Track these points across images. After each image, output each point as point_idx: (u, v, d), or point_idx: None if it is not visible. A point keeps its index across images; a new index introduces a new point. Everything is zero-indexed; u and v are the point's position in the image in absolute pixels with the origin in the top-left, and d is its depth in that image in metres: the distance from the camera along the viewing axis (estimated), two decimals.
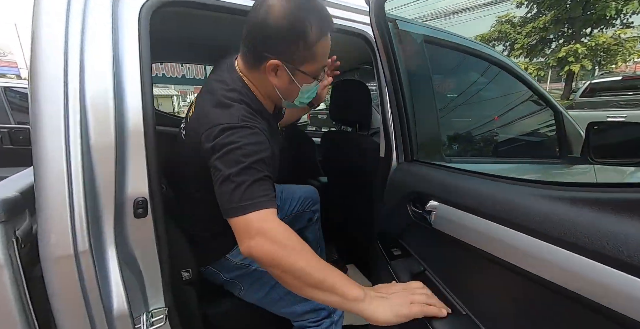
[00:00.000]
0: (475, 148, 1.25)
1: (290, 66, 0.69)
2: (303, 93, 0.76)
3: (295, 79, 0.72)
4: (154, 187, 0.64)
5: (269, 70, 0.69)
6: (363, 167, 1.30)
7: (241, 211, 0.57)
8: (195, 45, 1.56)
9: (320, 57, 0.71)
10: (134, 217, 0.62)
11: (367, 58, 1.88)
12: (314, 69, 0.72)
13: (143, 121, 0.62)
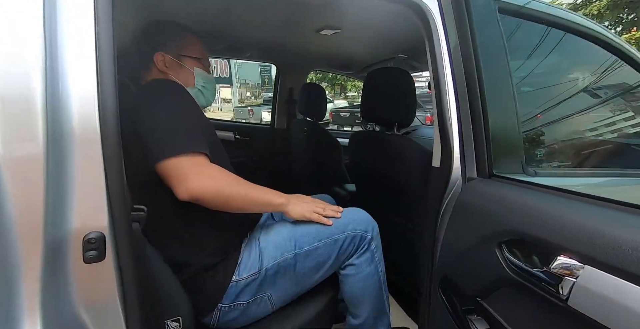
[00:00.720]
0: (569, 155, 0.94)
1: (173, 53, 0.84)
2: (199, 77, 0.88)
3: (183, 63, 0.85)
4: (118, 215, 0.43)
5: (158, 63, 0.82)
6: (404, 179, 1.03)
7: (175, 152, 0.65)
8: None
9: (195, 45, 0.89)
10: (83, 263, 0.41)
11: (404, 44, 1.61)
12: (196, 53, 0.88)
13: (100, 124, 0.41)
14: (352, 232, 0.88)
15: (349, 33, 1.35)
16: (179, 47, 0.85)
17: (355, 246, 0.89)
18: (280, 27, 1.32)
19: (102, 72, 0.42)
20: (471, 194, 0.61)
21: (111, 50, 0.43)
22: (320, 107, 1.64)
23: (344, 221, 0.89)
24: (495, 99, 0.70)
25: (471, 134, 0.67)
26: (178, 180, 0.65)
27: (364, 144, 1.23)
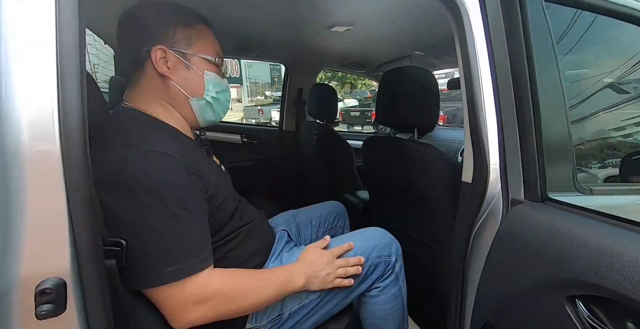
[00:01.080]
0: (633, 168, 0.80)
1: (177, 49, 0.60)
2: (210, 83, 0.64)
3: (190, 64, 0.61)
4: (85, 253, 0.34)
5: (157, 62, 0.58)
6: (426, 192, 0.92)
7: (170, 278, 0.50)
8: None
9: (208, 39, 0.64)
10: (36, 320, 0.33)
11: (422, 41, 1.49)
12: (208, 51, 0.63)
13: (60, 134, 0.32)
14: (377, 260, 0.80)
15: (362, 30, 1.25)
16: (187, 41, 0.61)
17: (380, 272, 0.82)
18: (289, 24, 1.23)
19: (64, 72, 0.32)
20: (521, 223, 0.49)
21: (76, 45, 0.33)
22: (331, 109, 1.54)
23: (367, 247, 0.80)
24: (544, 101, 0.58)
25: (517, 145, 0.56)
26: (171, 312, 0.52)
27: (380, 151, 1.12)
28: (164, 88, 0.61)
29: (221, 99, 0.67)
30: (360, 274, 0.77)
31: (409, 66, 0.93)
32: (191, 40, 0.61)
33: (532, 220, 0.47)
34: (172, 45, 0.60)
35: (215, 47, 0.65)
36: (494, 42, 0.51)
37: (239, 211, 0.72)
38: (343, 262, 0.74)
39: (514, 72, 0.50)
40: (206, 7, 1.01)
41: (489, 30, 0.51)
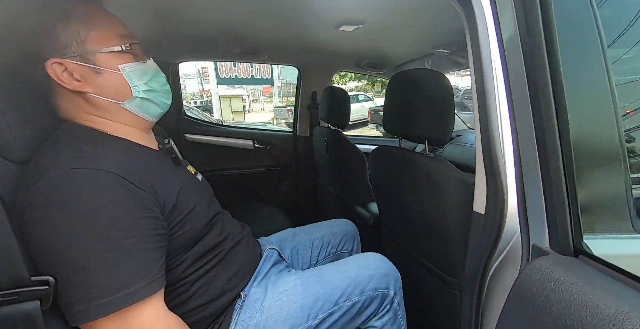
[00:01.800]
0: None
1: (73, 55, 0.49)
2: (132, 77, 0.53)
3: (98, 66, 0.51)
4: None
5: (61, 79, 0.49)
6: (436, 215, 0.79)
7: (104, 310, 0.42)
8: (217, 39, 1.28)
9: (100, 23, 0.51)
10: None
11: (444, 37, 1.31)
12: (105, 41, 0.51)
13: None
14: (373, 293, 0.71)
15: (373, 28, 1.13)
16: (76, 40, 0.49)
17: (375, 307, 0.72)
18: (295, 25, 1.15)
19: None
20: (542, 284, 0.35)
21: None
22: (343, 114, 1.44)
23: (363, 277, 0.71)
24: (584, 113, 0.44)
25: (538, 173, 0.42)
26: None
27: (387, 164, 0.99)
28: (87, 103, 0.53)
29: (155, 87, 0.57)
30: (354, 273, 0.70)
31: (419, 69, 0.81)
32: (80, 37, 0.49)
33: (556, 283, 0.34)
34: (64, 53, 0.48)
35: (115, 30, 0.53)
36: (506, 43, 0.38)
37: (217, 225, 0.66)
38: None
39: (531, 78, 0.36)
40: (210, 12, 0.99)
41: (499, 27, 0.39)
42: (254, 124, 5.82)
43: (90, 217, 0.43)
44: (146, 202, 0.48)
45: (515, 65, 0.38)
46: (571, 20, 0.44)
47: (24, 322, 0.37)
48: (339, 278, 0.71)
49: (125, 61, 0.53)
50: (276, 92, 16.84)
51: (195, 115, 4.65)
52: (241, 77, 13.93)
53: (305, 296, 0.66)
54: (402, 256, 1.04)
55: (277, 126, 7.26)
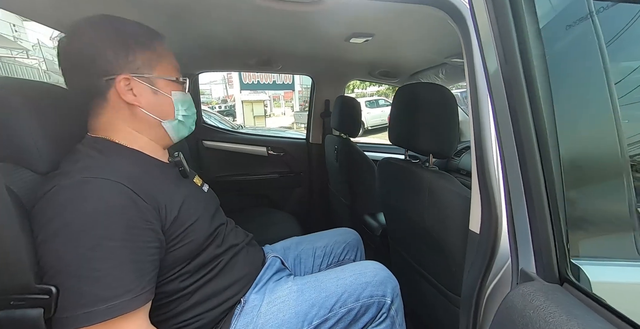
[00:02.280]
0: None
1: (141, 75, 0.59)
2: (179, 103, 0.64)
3: (157, 88, 0.61)
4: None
5: (123, 92, 0.57)
6: (438, 231, 0.78)
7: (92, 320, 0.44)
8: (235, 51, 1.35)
9: (167, 58, 0.63)
10: None
11: (459, 46, 1.28)
12: (169, 71, 0.63)
13: None
14: (368, 300, 0.71)
15: (383, 39, 1.14)
16: (148, 65, 0.59)
17: (372, 314, 0.72)
18: (307, 37, 1.19)
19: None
20: (522, 311, 0.35)
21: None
22: (354, 123, 1.45)
23: (358, 285, 0.71)
24: (579, 132, 0.43)
25: (521, 193, 0.41)
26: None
27: (392, 176, 0.99)
28: (131, 115, 0.60)
29: (189, 114, 0.67)
30: (350, 281, 0.70)
31: (422, 83, 0.81)
32: (152, 63, 0.60)
33: (535, 311, 0.33)
34: (135, 72, 0.58)
35: (176, 65, 0.65)
36: (489, 69, 0.38)
37: (219, 237, 0.69)
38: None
39: (511, 104, 0.36)
40: (227, 27, 1.05)
41: (482, 51, 0.39)
42: (273, 130, 5.93)
43: (89, 224, 0.45)
44: (147, 214, 0.51)
45: (497, 91, 0.38)
46: (570, 43, 0.43)
47: (30, 327, 0.40)
48: (335, 285, 0.71)
49: (177, 90, 0.64)
50: (297, 96, 17.11)
51: (217, 119, 4.83)
52: (263, 82, 14.33)
53: (301, 302, 0.68)
54: (407, 268, 1.03)
55: (297, 131, 7.37)
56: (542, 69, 0.34)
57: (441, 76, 1.53)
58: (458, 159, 1.83)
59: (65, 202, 0.46)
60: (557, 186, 0.35)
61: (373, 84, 13.52)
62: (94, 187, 0.48)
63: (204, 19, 0.96)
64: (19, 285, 0.42)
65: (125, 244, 0.47)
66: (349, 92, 12.73)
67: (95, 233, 0.45)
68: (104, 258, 0.45)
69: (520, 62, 0.33)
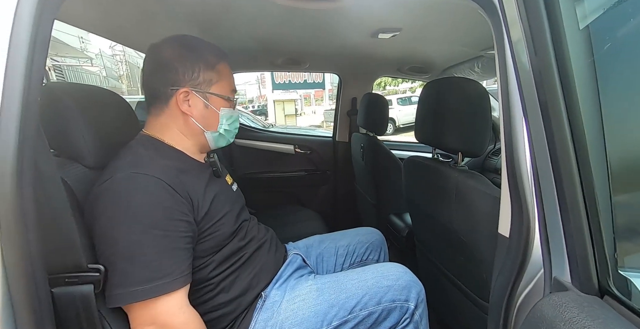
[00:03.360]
0: None
1: (199, 90, 0.67)
2: (224, 118, 0.71)
3: (209, 103, 0.69)
4: (24, 290, 0.37)
5: (180, 102, 0.66)
6: (467, 234, 0.74)
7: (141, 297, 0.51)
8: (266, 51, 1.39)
9: (226, 78, 0.70)
10: None
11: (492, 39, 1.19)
12: (223, 90, 0.70)
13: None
14: (390, 305, 0.69)
15: (412, 34, 1.10)
16: (208, 83, 0.67)
17: (395, 320, 0.70)
18: (333, 35, 1.19)
19: (5, 120, 0.35)
20: (551, 322, 0.31)
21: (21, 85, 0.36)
22: (381, 121, 1.42)
23: (380, 288, 0.70)
24: (632, 128, 0.37)
25: (554, 197, 0.37)
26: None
27: (419, 175, 0.96)
28: (183, 122, 0.68)
29: (231, 129, 0.73)
30: (372, 283, 0.70)
31: (451, 77, 0.77)
32: (212, 82, 0.68)
33: (567, 324, 0.29)
34: (195, 87, 0.66)
35: (232, 84, 0.72)
36: (517, 62, 0.35)
37: (242, 230, 0.73)
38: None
39: (541, 98, 0.32)
40: (251, 28, 1.09)
41: (510, 42, 0.35)
42: (302, 128, 6.01)
43: (139, 214, 0.52)
44: (182, 207, 0.57)
45: (527, 85, 0.34)
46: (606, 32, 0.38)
47: (82, 301, 0.46)
48: (356, 286, 0.70)
49: (225, 106, 0.71)
50: (327, 95, 17.13)
51: (250, 118, 5.02)
52: (295, 82, 14.57)
53: (320, 301, 0.68)
54: (434, 270, 0.98)
55: (326, 129, 7.39)
56: (585, 62, 0.31)
57: (477, 70, 1.43)
58: (496, 158, 1.71)
59: (119, 193, 0.53)
60: (599, 189, 0.31)
61: (406, 81, 13.09)
62: (141, 182, 0.54)
63: (232, 25, 1.01)
64: (72, 265, 0.47)
65: (167, 233, 0.54)
66: (380, 89, 12.43)
67: (144, 222, 0.52)
68: (151, 245, 0.52)
69: (552, 53, 0.30)
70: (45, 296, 0.40)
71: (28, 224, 0.37)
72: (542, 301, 0.34)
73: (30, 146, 0.37)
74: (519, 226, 0.46)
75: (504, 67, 0.44)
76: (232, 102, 0.72)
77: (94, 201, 0.54)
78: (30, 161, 0.37)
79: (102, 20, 0.89)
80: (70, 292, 0.46)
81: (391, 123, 8.73)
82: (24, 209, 0.36)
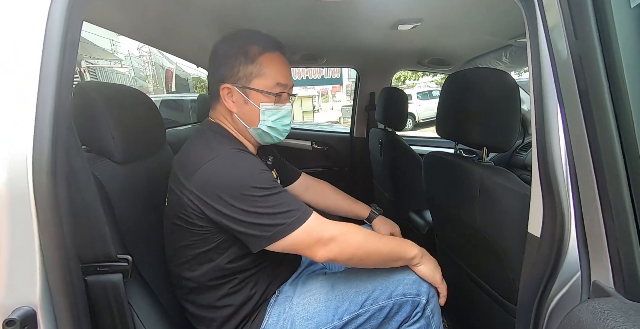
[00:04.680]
0: None
1: (239, 85, 0.67)
2: (265, 114, 0.69)
3: (248, 98, 0.68)
4: (60, 280, 0.39)
5: (225, 97, 0.68)
6: (492, 233, 0.70)
7: (295, 225, 0.59)
8: None
9: (269, 70, 0.67)
10: None
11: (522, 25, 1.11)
12: (265, 84, 0.68)
13: (32, 177, 0.37)
14: (401, 299, 0.68)
15: (434, 24, 1.05)
16: (248, 77, 0.67)
17: (406, 313, 0.69)
18: (350, 29, 1.16)
19: (40, 118, 0.37)
20: (595, 328, 0.29)
21: (54, 83, 0.38)
22: (400, 116, 1.38)
23: (390, 282, 0.69)
24: None
25: (595, 195, 0.34)
26: (305, 251, 0.61)
27: (440, 171, 0.92)
28: (230, 116, 0.71)
29: (277, 126, 0.72)
30: (382, 277, 0.70)
31: (476, 68, 0.73)
32: (252, 76, 0.67)
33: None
34: (236, 82, 0.67)
35: (277, 77, 0.68)
36: (554, 46, 0.32)
37: None
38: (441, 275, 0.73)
39: (581, 86, 0.29)
40: (267, 23, 1.09)
41: (547, 26, 0.32)
42: (319, 125, 6.00)
43: (255, 177, 0.59)
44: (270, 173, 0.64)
45: (565, 72, 0.31)
46: None
47: (112, 289, 0.49)
48: (366, 281, 0.70)
49: (267, 102, 0.69)
50: (345, 91, 16.99)
51: None
52: (312, 78, 14.55)
53: (331, 296, 0.68)
54: (456, 270, 0.95)
55: (344, 125, 7.34)
56: (636, 45, 0.27)
57: (504, 60, 1.35)
58: (525, 154, 1.62)
59: (228, 169, 0.59)
60: None
61: (426, 74, 12.68)
62: (239, 155, 0.62)
63: (250, 23, 1.01)
64: (103, 255, 0.50)
65: (276, 186, 0.61)
66: (400, 83, 12.12)
67: (261, 183, 0.58)
68: (277, 194, 0.60)
69: (596, 36, 0.27)
70: (78, 283, 0.43)
71: (62, 216, 0.39)
72: (579, 306, 0.32)
73: (63, 142, 0.39)
74: (551, 226, 0.43)
75: (537, 54, 0.41)
76: (273, 97, 0.69)
77: (201, 183, 0.58)
78: (63, 156, 0.39)
79: (126, 21, 0.93)
80: (102, 280, 0.49)
81: (410, 118, 8.50)
82: (59, 202, 0.38)
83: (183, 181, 0.60)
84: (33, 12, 0.40)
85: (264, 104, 0.68)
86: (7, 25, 0.39)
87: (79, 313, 0.41)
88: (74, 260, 0.41)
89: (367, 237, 0.64)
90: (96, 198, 0.49)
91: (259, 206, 0.57)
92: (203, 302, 0.67)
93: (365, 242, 0.64)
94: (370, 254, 0.64)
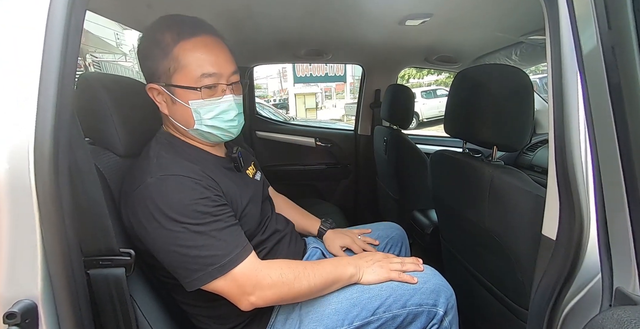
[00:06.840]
0: None
1: (162, 84, 0.59)
2: (199, 112, 0.60)
3: (175, 96, 0.59)
4: (61, 271, 0.39)
5: (155, 99, 0.62)
6: (503, 235, 0.69)
7: (224, 270, 0.55)
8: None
9: (188, 61, 0.58)
10: None
11: (536, 20, 1.08)
12: (187, 79, 0.58)
13: (34, 169, 0.36)
14: (417, 308, 0.65)
15: (443, 19, 1.03)
16: (167, 74, 0.58)
17: (421, 324, 0.66)
18: (356, 24, 1.14)
19: (42, 108, 0.36)
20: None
21: (55, 78, 0.37)
22: (406, 113, 1.36)
23: (407, 290, 0.66)
24: None
25: (623, 197, 0.33)
26: (232, 298, 0.57)
27: (447, 170, 0.90)
28: (167, 120, 0.64)
29: (219, 124, 0.62)
30: (397, 286, 0.67)
31: (488, 65, 0.71)
32: (170, 72, 0.58)
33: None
34: (157, 81, 0.60)
35: (199, 70, 0.58)
36: (582, 37, 0.30)
37: (262, 224, 0.72)
38: (397, 258, 0.73)
39: (612, 79, 0.28)
40: (273, 19, 1.07)
41: (574, 16, 0.31)
42: (322, 122, 5.97)
43: (182, 212, 0.53)
44: (216, 197, 0.58)
45: (592, 66, 0.29)
46: None
47: (114, 283, 0.48)
48: (379, 287, 0.67)
49: (196, 98, 0.59)
50: (348, 88, 16.92)
51: (271, 112, 5.07)
52: (316, 75, 14.48)
53: (341, 299, 0.66)
54: (462, 272, 0.94)
55: (347, 123, 7.31)
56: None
57: (514, 58, 1.32)
58: (532, 154, 1.59)
59: (156, 197, 0.53)
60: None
61: (431, 73, 12.57)
62: (172, 182, 0.55)
63: (254, 15, 0.99)
64: (105, 248, 0.49)
65: (216, 217, 0.56)
66: (404, 82, 12.06)
67: (192, 216, 0.53)
68: (209, 230, 0.55)
69: (633, 26, 0.25)
70: (80, 277, 0.42)
71: (64, 208, 0.38)
72: (602, 315, 0.30)
73: (66, 131, 0.38)
74: (569, 228, 0.41)
75: (558, 48, 0.39)
76: (199, 93, 0.58)
77: (133, 206, 0.55)
78: (65, 147, 0.38)
79: (129, 11, 0.91)
80: (104, 274, 0.48)
81: (414, 117, 8.46)
82: (61, 193, 0.37)
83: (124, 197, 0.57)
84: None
85: (193, 102, 0.59)
86: (9, 9, 0.38)
87: (81, 306, 0.41)
88: (75, 253, 0.40)
89: (295, 277, 0.60)
90: (99, 191, 0.48)
91: (181, 244, 0.53)
92: (206, 300, 0.66)
93: (294, 284, 0.60)
94: (302, 294, 0.61)
